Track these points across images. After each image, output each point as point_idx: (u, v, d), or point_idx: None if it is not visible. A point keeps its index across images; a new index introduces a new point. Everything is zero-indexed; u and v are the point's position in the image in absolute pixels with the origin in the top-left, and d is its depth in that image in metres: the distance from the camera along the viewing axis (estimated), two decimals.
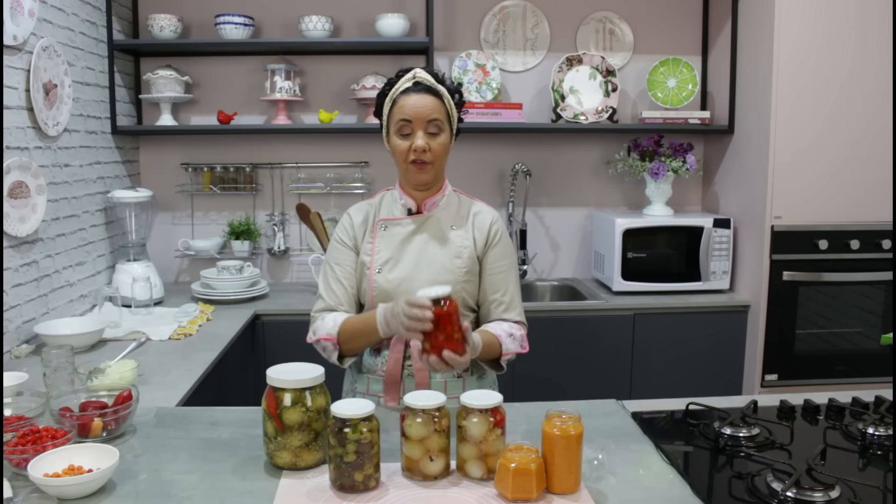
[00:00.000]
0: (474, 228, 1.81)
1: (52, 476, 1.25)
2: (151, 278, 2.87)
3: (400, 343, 1.74)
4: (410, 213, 1.81)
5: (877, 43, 2.88)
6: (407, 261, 1.76)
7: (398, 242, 1.78)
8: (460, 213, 1.82)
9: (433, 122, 1.70)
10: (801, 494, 1.24)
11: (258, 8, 3.27)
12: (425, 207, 1.80)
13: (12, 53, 2.23)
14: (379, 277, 1.75)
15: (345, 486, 1.27)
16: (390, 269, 1.75)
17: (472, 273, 1.78)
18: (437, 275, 1.74)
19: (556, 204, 3.52)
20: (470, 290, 1.78)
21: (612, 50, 3.44)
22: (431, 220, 1.79)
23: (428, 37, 3.08)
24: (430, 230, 1.79)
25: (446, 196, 1.82)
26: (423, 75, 1.73)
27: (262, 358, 2.84)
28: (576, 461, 1.26)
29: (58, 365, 1.72)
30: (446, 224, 1.80)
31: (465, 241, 1.79)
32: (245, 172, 3.35)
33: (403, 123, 1.70)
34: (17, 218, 2.23)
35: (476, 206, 1.85)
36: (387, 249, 1.77)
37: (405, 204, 1.81)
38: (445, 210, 1.81)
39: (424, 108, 1.69)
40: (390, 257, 1.76)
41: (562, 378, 2.99)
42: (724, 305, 3.09)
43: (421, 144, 1.69)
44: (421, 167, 1.71)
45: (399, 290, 1.72)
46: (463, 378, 1.78)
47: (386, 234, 1.79)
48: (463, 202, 1.85)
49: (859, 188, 2.96)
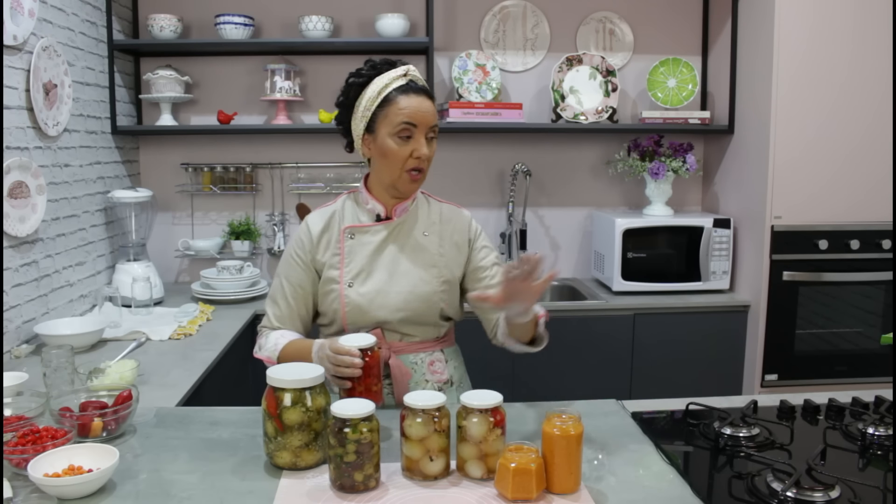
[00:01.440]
0: (451, 234, 1.73)
1: (52, 476, 1.25)
2: (151, 278, 2.87)
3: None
4: (379, 218, 1.71)
5: (877, 43, 2.88)
6: (380, 272, 1.66)
7: (369, 252, 1.67)
8: (431, 217, 1.74)
9: (434, 128, 1.64)
10: (801, 494, 1.23)
11: (258, 8, 3.27)
12: (396, 213, 1.70)
13: (12, 53, 2.23)
14: (351, 292, 1.65)
15: (345, 486, 1.27)
16: (362, 283, 1.66)
17: (449, 283, 1.70)
18: (413, 286, 1.66)
19: (556, 204, 3.52)
20: (448, 299, 1.71)
21: (612, 50, 3.44)
22: (403, 226, 1.70)
23: (428, 37, 3.08)
24: (401, 238, 1.69)
25: (416, 199, 1.73)
26: (417, 74, 1.67)
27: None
28: (576, 461, 1.26)
29: (58, 365, 1.72)
30: (418, 230, 1.71)
31: (440, 249, 1.70)
32: (245, 172, 3.35)
33: (406, 126, 1.59)
34: (17, 218, 2.23)
35: (446, 209, 1.77)
36: (357, 261, 1.67)
37: (373, 209, 1.70)
38: (416, 214, 1.72)
39: (428, 113, 1.62)
40: (361, 269, 1.66)
41: (562, 378, 2.99)
42: (724, 305, 3.09)
43: (426, 152, 1.61)
44: (416, 178, 1.63)
45: (373, 305, 1.65)
46: (443, 390, 1.72)
47: (354, 243, 1.68)
48: (433, 206, 1.76)
49: (859, 188, 2.96)
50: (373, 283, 1.66)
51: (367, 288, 1.66)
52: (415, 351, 1.71)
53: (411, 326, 1.69)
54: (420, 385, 1.71)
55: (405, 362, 1.70)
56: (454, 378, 1.78)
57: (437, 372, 1.73)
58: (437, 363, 1.74)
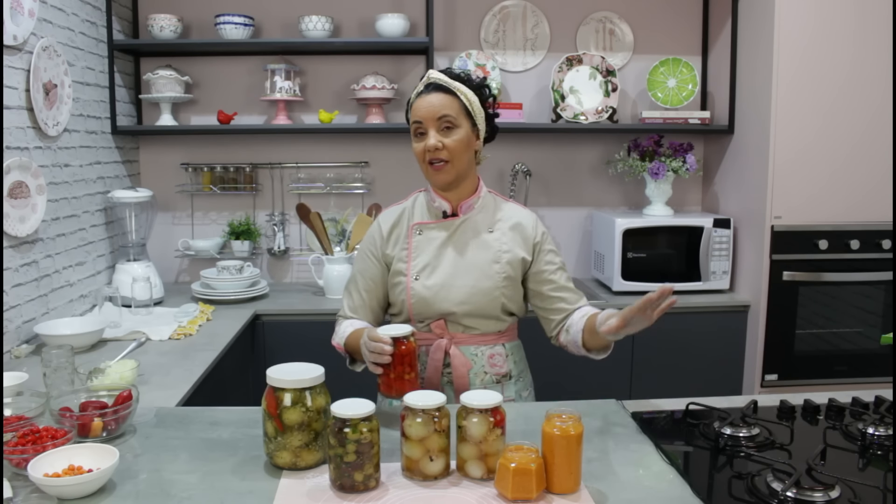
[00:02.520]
0: (516, 234, 1.78)
1: (52, 476, 1.25)
2: (151, 278, 2.87)
3: (439, 351, 1.73)
4: (445, 215, 1.78)
5: (877, 43, 2.88)
6: (444, 267, 1.73)
7: (435, 248, 1.75)
8: (496, 215, 1.80)
9: (444, 118, 1.67)
10: (801, 494, 1.23)
11: (258, 8, 3.27)
12: (461, 210, 1.77)
13: (12, 53, 2.23)
14: (417, 285, 1.73)
15: (345, 486, 1.27)
16: (428, 276, 1.73)
17: (511, 279, 1.75)
18: (476, 280, 1.72)
19: (556, 204, 3.51)
20: (510, 294, 1.76)
21: (612, 50, 3.44)
22: (468, 223, 1.77)
23: (428, 37, 3.08)
24: (466, 234, 1.76)
25: (482, 198, 1.80)
26: (437, 76, 1.72)
27: (262, 358, 2.84)
28: (576, 461, 1.26)
29: (58, 365, 1.72)
30: (483, 227, 1.77)
31: (503, 245, 1.76)
32: (245, 172, 3.35)
33: (416, 125, 1.70)
34: (17, 218, 2.23)
35: (512, 209, 1.83)
36: (423, 255, 1.75)
37: (439, 206, 1.78)
38: (482, 213, 1.78)
39: (433, 107, 1.67)
40: (427, 263, 1.74)
41: (562, 378, 2.99)
42: (724, 305, 3.08)
43: (432, 143, 1.67)
44: (439, 167, 1.69)
45: (438, 298, 1.71)
46: (502, 383, 1.77)
47: (421, 238, 1.76)
48: (498, 204, 1.83)
49: (859, 188, 2.96)
50: (438, 276, 1.73)
51: (433, 281, 1.73)
52: (476, 343, 1.76)
53: (474, 319, 1.75)
54: (479, 377, 1.75)
55: (465, 353, 1.75)
56: (513, 372, 1.81)
57: (497, 365, 1.78)
58: (497, 356, 1.78)
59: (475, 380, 1.74)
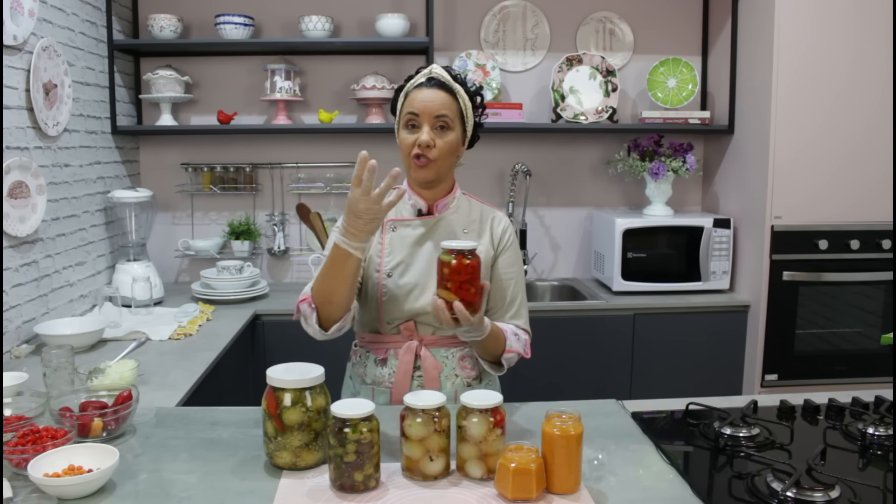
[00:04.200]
0: (487, 233, 1.76)
1: (52, 476, 1.25)
2: (151, 278, 2.87)
3: (409, 353, 1.71)
4: (420, 213, 1.76)
5: (877, 43, 2.88)
6: (418, 265, 1.71)
7: (408, 245, 1.73)
8: (471, 216, 1.78)
9: (441, 117, 1.65)
10: (801, 494, 1.23)
11: (258, 8, 3.27)
12: (436, 209, 1.75)
13: (12, 53, 2.23)
14: (389, 282, 1.70)
15: (345, 486, 1.27)
16: (401, 274, 1.71)
17: (484, 279, 1.73)
18: None
19: (556, 204, 3.52)
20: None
21: (612, 50, 3.44)
22: (443, 222, 1.75)
23: (428, 37, 3.08)
24: (441, 233, 1.74)
25: (457, 198, 1.78)
26: (439, 72, 1.70)
27: (262, 358, 2.84)
28: (576, 461, 1.26)
29: (58, 365, 1.72)
30: (458, 227, 1.75)
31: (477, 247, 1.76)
32: (245, 172, 3.35)
33: (411, 116, 1.66)
34: (17, 218, 2.23)
35: (487, 211, 1.81)
36: (397, 253, 1.72)
37: (415, 204, 1.75)
38: (457, 213, 1.77)
39: (433, 103, 1.65)
40: (401, 261, 1.72)
41: (562, 378, 2.99)
42: (724, 305, 3.09)
43: (426, 139, 1.64)
44: (423, 164, 1.66)
45: (410, 297, 1.69)
46: (472, 386, 1.75)
47: (395, 235, 1.74)
48: (473, 206, 1.81)
49: (859, 188, 2.96)
50: (410, 275, 1.71)
51: (405, 280, 1.70)
52: (446, 345, 1.74)
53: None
54: (450, 379, 1.74)
55: (436, 356, 1.73)
56: (483, 375, 1.80)
57: (467, 367, 1.76)
58: (468, 359, 1.76)
59: (446, 382, 1.72)
